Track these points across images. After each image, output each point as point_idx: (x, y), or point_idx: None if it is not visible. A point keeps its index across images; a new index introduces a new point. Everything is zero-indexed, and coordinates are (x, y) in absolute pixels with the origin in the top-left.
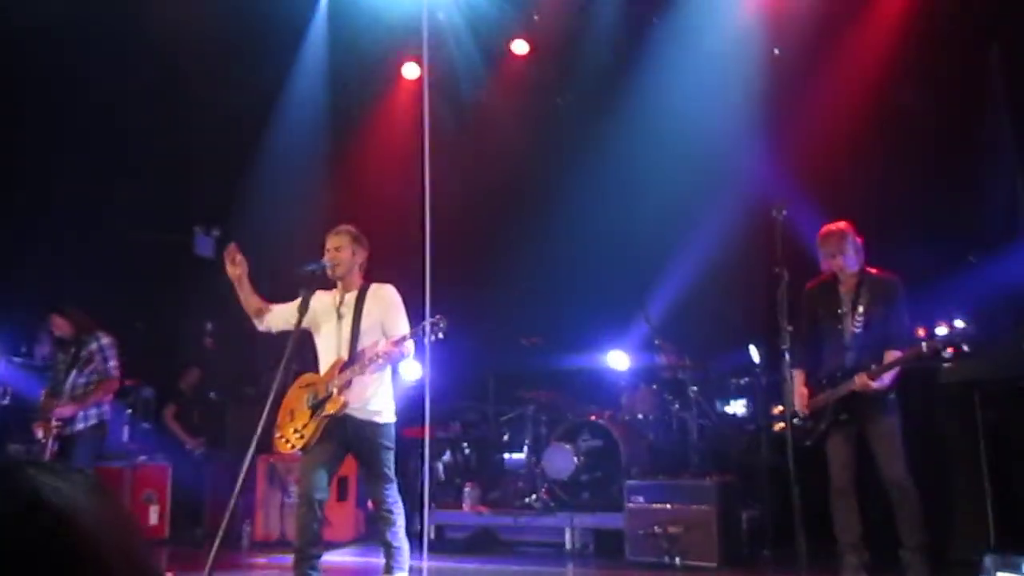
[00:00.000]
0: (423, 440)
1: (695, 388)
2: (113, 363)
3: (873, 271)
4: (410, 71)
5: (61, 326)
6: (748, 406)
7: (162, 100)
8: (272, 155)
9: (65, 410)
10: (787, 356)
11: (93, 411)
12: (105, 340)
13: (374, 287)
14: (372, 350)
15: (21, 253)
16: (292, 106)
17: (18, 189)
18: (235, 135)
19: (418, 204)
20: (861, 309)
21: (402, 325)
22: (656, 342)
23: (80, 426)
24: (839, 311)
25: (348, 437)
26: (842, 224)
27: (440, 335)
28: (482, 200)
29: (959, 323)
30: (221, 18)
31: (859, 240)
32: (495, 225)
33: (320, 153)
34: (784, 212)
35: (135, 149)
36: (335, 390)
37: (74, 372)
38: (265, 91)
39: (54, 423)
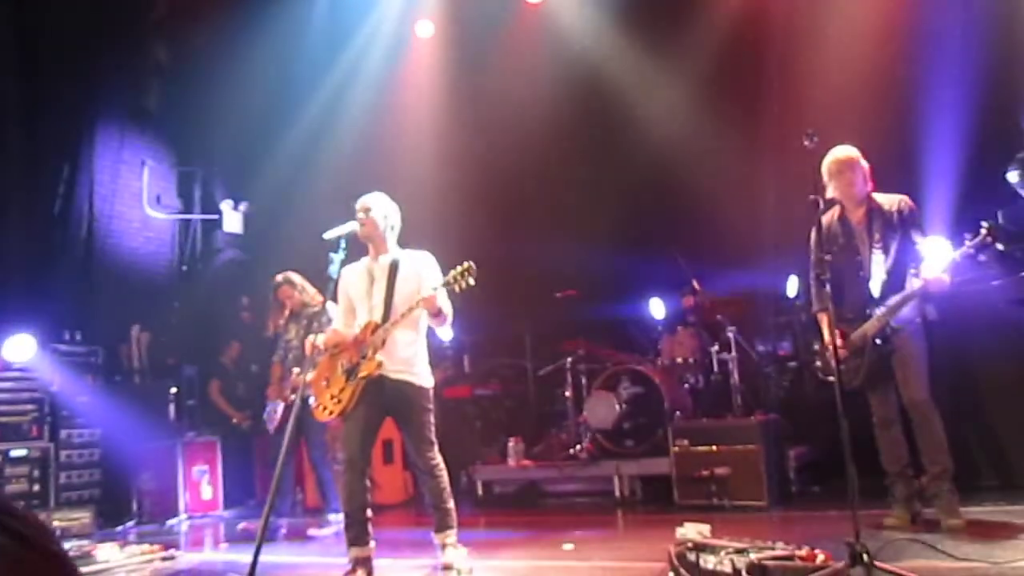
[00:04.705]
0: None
1: (733, 328)
2: None
3: (880, 197)
4: (423, 30)
5: (289, 295)
6: (788, 343)
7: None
8: (294, 126)
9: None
10: (826, 287)
11: None
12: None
13: (410, 253)
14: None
15: (53, 240)
16: (308, 75)
17: (46, 178)
18: (256, 108)
19: (439, 165)
20: (877, 236)
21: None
22: (693, 284)
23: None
24: (854, 241)
25: (386, 400)
26: (850, 150)
27: (470, 281)
28: (511, 153)
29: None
30: None
31: (866, 166)
32: (523, 178)
33: (341, 120)
34: (816, 138)
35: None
36: (370, 351)
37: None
38: (281, 61)
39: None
